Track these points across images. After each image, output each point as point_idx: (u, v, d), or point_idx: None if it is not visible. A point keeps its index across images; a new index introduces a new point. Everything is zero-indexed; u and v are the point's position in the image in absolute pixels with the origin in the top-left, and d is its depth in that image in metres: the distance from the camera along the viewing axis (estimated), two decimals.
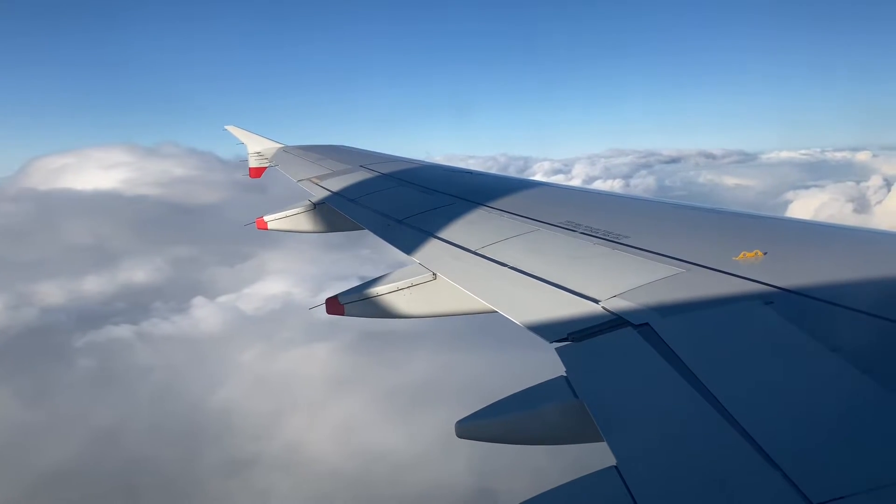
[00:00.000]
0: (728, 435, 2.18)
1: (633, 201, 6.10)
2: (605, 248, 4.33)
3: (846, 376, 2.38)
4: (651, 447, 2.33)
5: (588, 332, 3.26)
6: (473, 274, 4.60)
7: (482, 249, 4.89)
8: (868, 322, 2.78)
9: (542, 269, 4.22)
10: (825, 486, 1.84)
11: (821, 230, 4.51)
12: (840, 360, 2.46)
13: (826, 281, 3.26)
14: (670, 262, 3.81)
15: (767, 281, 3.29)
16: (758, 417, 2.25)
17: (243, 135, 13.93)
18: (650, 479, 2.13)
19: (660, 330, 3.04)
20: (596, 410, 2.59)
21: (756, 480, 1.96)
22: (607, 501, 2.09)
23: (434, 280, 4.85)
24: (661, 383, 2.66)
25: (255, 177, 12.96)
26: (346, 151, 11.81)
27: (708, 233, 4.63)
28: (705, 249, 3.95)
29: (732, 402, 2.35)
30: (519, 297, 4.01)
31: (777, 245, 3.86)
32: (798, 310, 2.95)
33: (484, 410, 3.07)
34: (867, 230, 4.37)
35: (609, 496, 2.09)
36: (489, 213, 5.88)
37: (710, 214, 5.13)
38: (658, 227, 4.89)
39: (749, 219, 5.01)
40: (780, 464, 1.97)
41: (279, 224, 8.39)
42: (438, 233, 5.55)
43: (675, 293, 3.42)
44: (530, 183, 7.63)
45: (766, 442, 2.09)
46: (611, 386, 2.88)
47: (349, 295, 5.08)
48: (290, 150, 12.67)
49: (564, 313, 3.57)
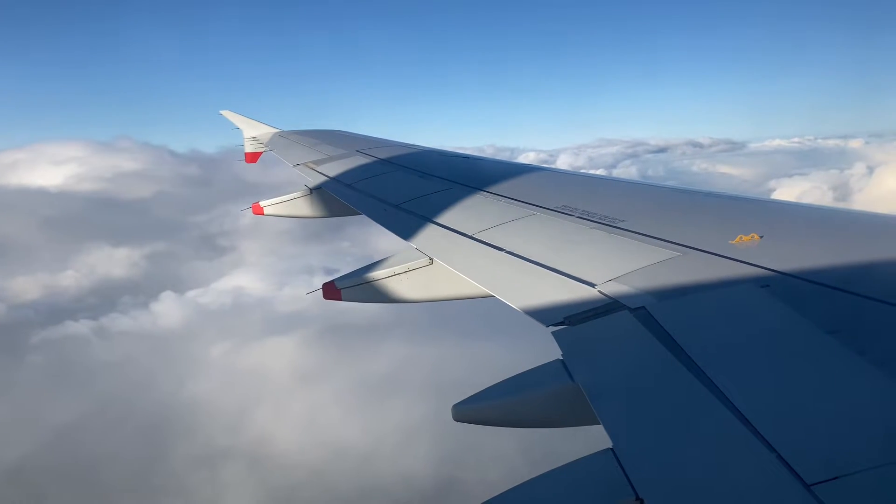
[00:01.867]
0: (724, 417, 2.19)
1: (630, 185, 6.09)
2: (601, 232, 4.33)
3: (841, 359, 2.39)
4: (647, 430, 2.34)
5: (584, 316, 3.27)
6: (470, 259, 4.60)
7: (479, 234, 4.88)
8: (864, 305, 2.78)
9: (539, 254, 4.22)
10: (820, 466, 1.86)
11: (817, 214, 4.51)
12: (835, 343, 2.47)
13: (822, 264, 3.26)
14: (667, 246, 3.81)
15: (764, 264, 3.30)
16: (753, 400, 2.26)
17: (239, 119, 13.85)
18: (646, 462, 2.14)
19: (656, 313, 3.04)
20: (592, 393, 2.60)
21: (752, 462, 1.97)
22: (603, 483, 2.10)
23: (431, 265, 4.85)
24: (657, 367, 2.67)
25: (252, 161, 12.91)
26: (343, 136, 11.75)
27: (704, 217, 4.62)
28: (702, 233, 3.95)
29: (728, 384, 2.36)
30: (516, 282, 4.01)
31: (774, 229, 3.86)
32: (794, 293, 2.96)
33: (480, 394, 3.08)
34: (864, 213, 4.37)
35: (605, 478, 2.10)
36: (486, 197, 5.86)
37: (706, 198, 5.12)
38: (654, 211, 4.89)
39: (746, 202, 5.00)
40: (776, 445, 1.98)
41: (275, 209, 8.36)
42: (435, 218, 5.54)
43: (672, 277, 3.42)
44: (527, 167, 7.61)
45: (762, 424, 2.10)
46: (607, 369, 2.89)
47: (346, 280, 5.08)
48: (286, 135, 12.61)
49: (561, 297, 3.58)
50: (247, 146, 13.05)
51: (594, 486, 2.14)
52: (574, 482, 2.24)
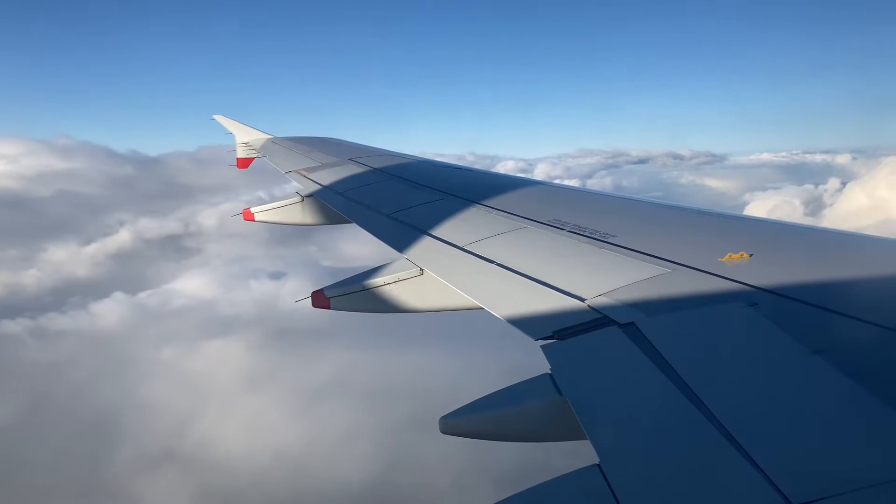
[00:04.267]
0: (710, 435, 2.19)
1: (621, 201, 6.11)
2: (591, 246, 4.34)
3: (828, 379, 2.40)
4: (634, 446, 2.33)
5: (573, 331, 3.27)
6: (460, 270, 4.59)
7: (470, 246, 4.88)
8: (851, 326, 2.80)
9: (529, 267, 4.22)
10: (805, 486, 1.85)
11: (807, 233, 4.53)
12: (822, 363, 2.48)
13: (811, 284, 3.28)
14: (656, 262, 3.82)
15: (753, 283, 3.31)
16: (740, 418, 2.26)
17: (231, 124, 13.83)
18: (632, 478, 2.13)
19: (645, 329, 3.05)
20: (580, 408, 2.59)
21: (737, 480, 1.97)
22: (590, 500, 2.09)
23: (421, 275, 4.84)
24: (645, 383, 2.67)
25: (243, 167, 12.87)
26: (336, 144, 11.75)
27: (694, 233, 4.64)
28: (691, 250, 3.96)
29: (715, 402, 2.36)
30: (505, 295, 4.00)
31: (763, 247, 3.88)
32: (782, 312, 2.97)
33: (468, 406, 3.06)
34: (854, 234, 4.41)
35: (591, 494, 2.09)
36: (477, 209, 5.86)
37: (697, 215, 5.15)
38: (645, 226, 4.90)
39: (736, 220, 5.03)
40: (761, 464, 1.98)
41: (266, 216, 8.33)
42: (426, 228, 5.54)
43: (661, 293, 3.42)
44: (519, 180, 7.63)
45: (748, 442, 2.10)
46: (595, 384, 2.88)
47: (335, 289, 5.05)
48: (278, 142, 12.59)
49: (550, 311, 3.57)
50: (239, 151, 13.02)
51: (580, 501, 2.13)
52: (560, 498, 2.22)
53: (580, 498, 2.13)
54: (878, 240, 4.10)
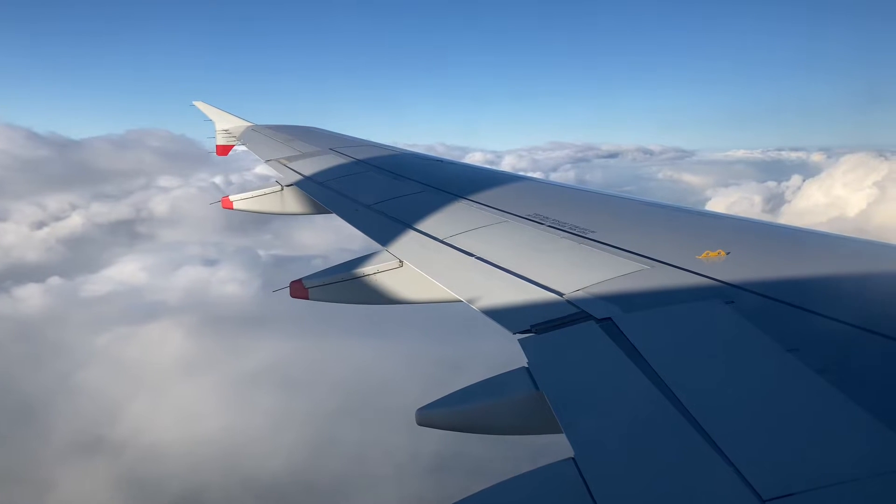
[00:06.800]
0: (684, 431, 2.21)
1: (602, 197, 6.14)
2: (571, 241, 4.35)
3: (801, 376, 2.43)
4: (609, 440, 2.35)
5: (551, 325, 3.28)
6: (440, 263, 4.59)
7: (450, 238, 4.87)
8: (825, 324, 2.84)
9: (508, 261, 4.23)
10: (776, 482, 1.88)
11: (784, 232, 4.59)
12: (795, 361, 2.51)
13: (786, 282, 3.32)
14: (635, 259, 3.85)
15: (729, 280, 3.34)
16: (713, 414, 2.28)
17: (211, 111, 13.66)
18: (607, 472, 2.14)
19: (622, 325, 3.07)
20: (556, 402, 2.60)
21: (709, 476, 1.99)
22: (564, 493, 2.10)
23: (400, 267, 4.82)
24: (621, 378, 2.69)
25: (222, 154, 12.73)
26: (317, 134, 11.66)
27: (673, 231, 4.68)
28: (670, 247, 3.99)
29: (689, 398, 2.38)
30: (484, 288, 4.00)
31: (740, 245, 3.92)
32: (757, 310, 3.00)
33: (445, 399, 3.06)
34: (832, 235, 4.47)
35: (566, 488, 2.10)
36: (458, 202, 5.86)
37: (676, 213, 5.19)
38: (624, 223, 4.93)
39: (713, 218, 5.08)
40: (734, 459, 2.00)
41: (245, 204, 8.25)
42: (407, 220, 5.52)
43: (639, 289, 3.45)
44: (500, 174, 7.63)
45: (721, 438, 2.12)
46: (571, 378, 2.90)
47: (314, 279, 5.02)
48: (259, 130, 12.46)
49: (528, 305, 3.58)
50: (218, 139, 12.87)
51: (555, 495, 2.14)
52: (534, 491, 2.23)
53: (555, 491, 2.14)
54: (853, 240, 4.16)
